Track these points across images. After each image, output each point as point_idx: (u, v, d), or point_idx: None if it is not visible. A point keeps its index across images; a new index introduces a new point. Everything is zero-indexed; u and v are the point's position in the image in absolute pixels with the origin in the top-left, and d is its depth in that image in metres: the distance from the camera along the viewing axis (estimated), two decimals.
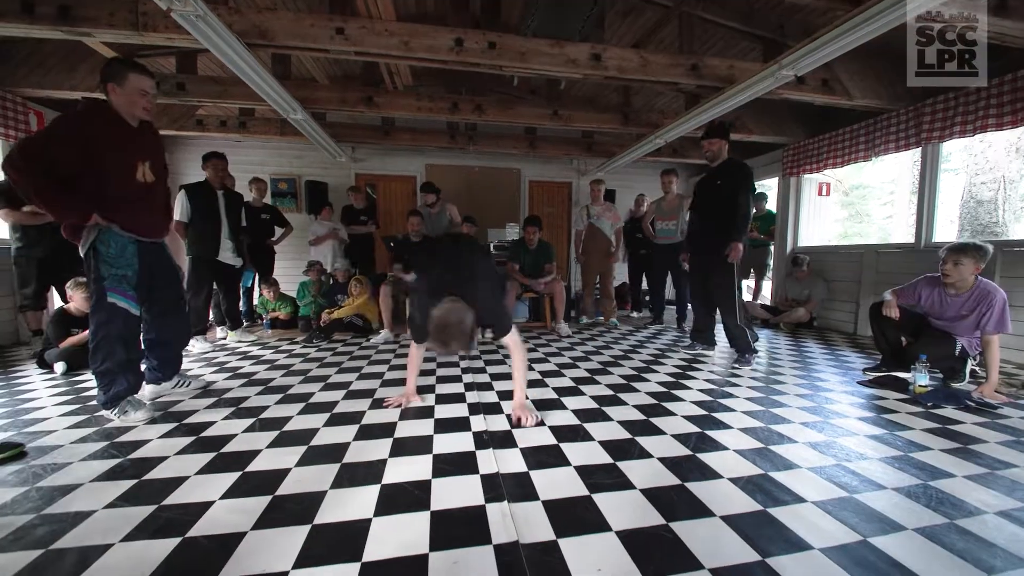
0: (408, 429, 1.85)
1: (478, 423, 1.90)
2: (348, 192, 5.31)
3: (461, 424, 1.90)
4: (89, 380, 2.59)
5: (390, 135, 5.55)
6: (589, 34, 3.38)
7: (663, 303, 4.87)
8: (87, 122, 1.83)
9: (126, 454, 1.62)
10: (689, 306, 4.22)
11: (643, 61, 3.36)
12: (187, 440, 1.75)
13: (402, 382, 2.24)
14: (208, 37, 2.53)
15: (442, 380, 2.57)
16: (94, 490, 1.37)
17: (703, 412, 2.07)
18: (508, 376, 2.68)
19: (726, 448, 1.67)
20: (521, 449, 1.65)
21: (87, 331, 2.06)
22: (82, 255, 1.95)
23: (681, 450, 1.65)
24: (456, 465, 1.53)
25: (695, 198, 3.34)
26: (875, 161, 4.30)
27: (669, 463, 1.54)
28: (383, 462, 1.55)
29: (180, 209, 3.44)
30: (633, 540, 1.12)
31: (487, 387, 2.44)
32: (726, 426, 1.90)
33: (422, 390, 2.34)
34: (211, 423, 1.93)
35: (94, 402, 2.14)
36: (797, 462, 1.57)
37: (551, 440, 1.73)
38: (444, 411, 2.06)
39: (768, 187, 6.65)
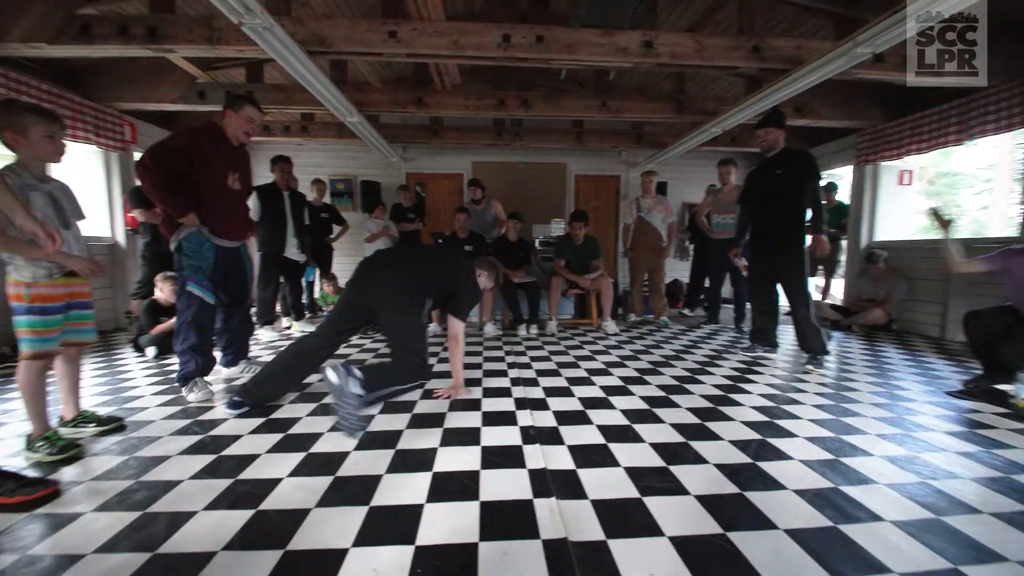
0: (457, 420, 1.89)
1: (524, 418, 1.91)
2: (397, 191, 5.50)
3: (508, 418, 1.91)
4: (175, 363, 2.88)
5: (438, 134, 5.68)
6: (640, 21, 3.26)
7: (719, 302, 4.62)
8: (198, 136, 2.18)
9: (207, 431, 1.79)
10: (747, 305, 4.00)
11: (699, 45, 3.19)
12: (259, 421, 1.90)
13: (450, 374, 2.29)
14: (273, 47, 2.70)
15: (488, 374, 2.61)
16: (181, 462, 1.53)
17: (765, 418, 1.95)
18: (553, 372, 2.67)
19: (791, 458, 1.57)
20: (569, 447, 1.64)
21: (174, 319, 2.30)
22: (172, 250, 2.22)
23: (740, 457, 1.56)
24: (504, 458, 1.55)
25: (747, 191, 3.09)
26: (968, 145, 3.82)
27: (727, 470, 1.47)
28: (434, 451, 1.60)
29: (252, 209, 3.72)
30: (687, 547, 1.08)
31: (533, 383, 2.45)
32: (791, 434, 1.77)
33: (469, 382, 2.39)
34: (279, 406, 2.08)
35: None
36: (873, 477, 1.44)
37: (599, 439, 1.70)
38: (491, 404, 2.09)
39: (839, 176, 6.10)
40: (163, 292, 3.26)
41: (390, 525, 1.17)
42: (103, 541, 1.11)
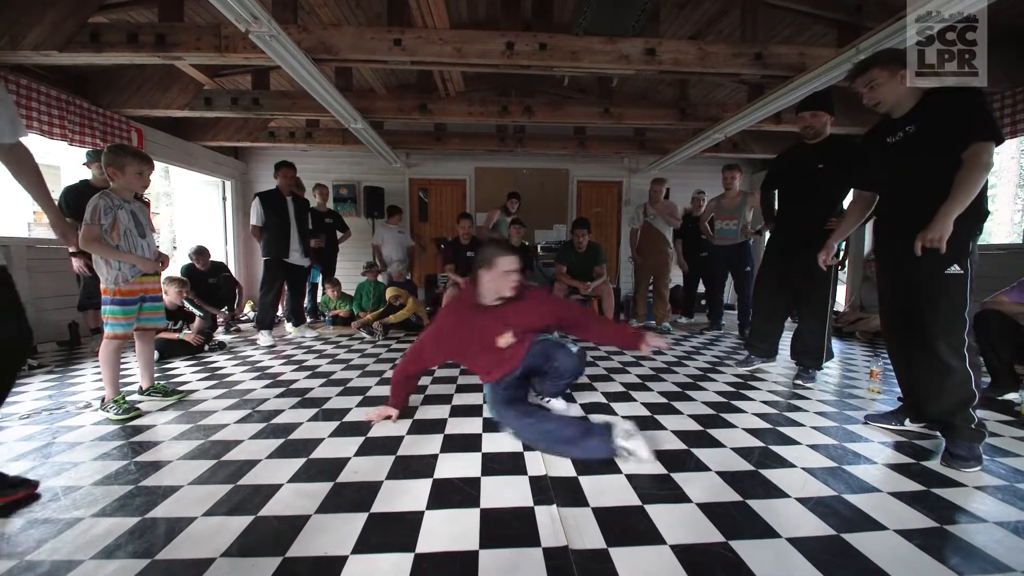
0: (457, 427, 1.89)
1: None
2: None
3: None
4: (177, 368, 2.90)
5: (442, 140, 5.71)
6: (643, 29, 3.28)
7: (721, 308, 4.61)
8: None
9: (207, 436, 1.79)
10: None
11: (701, 53, 3.21)
12: (260, 426, 1.90)
13: (451, 379, 2.28)
14: (280, 55, 2.74)
15: None
16: (181, 467, 1.53)
17: (767, 425, 1.93)
18: None
19: (793, 465, 1.55)
20: None
21: (178, 324, 2.57)
22: None
23: (742, 464, 1.55)
24: (504, 465, 1.54)
25: (775, 176, 2.73)
26: None
27: (729, 478, 1.46)
28: (435, 457, 1.59)
29: (255, 214, 3.76)
30: (690, 556, 1.07)
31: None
32: (793, 441, 1.76)
33: (469, 388, 2.38)
34: (280, 411, 2.08)
35: (182, 387, 2.41)
36: (877, 485, 1.42)
37: None
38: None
39: None
40: (169, 295, 3.28)
41: (390, 532, 1.17)
42: (101, 547, 1.11)
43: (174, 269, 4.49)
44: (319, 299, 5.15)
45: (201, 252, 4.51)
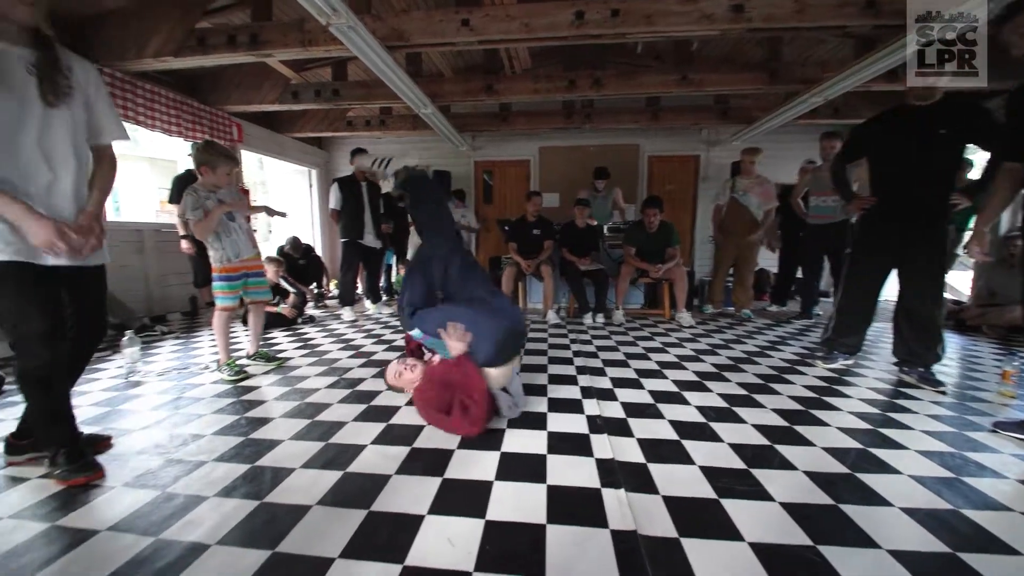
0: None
1: (591, 407, 1.89)
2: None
3: (574, 406, 1.90)
4: (275, 338, 3.26)
5: (507, 121, 5.68)
6: None
7: (815, 295, 4.14)
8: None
9: (303, 399, 2.00)
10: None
11: (799, 5, 2.82)
12: (346, 392, 2.08)
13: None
14: (356, 44, 2.86)
15: (553, 361, 2.61)
16: (282, 424, 1.73)
17: (867, 426, 1.73)
18: (621, 363, 2.60)
19: (898, 472, 1.38)
20: (638, 439, 1.59)
21: (275, 300, 2.89)
22: None
23: (836, 466, 1.41)
24: (571, 444, 1.54)
25: (868, 140, 2.41)
26: None
27: (819, 479, 1.33)
28: (502, 431, 1.64)
29: (334, 198, 4.05)
30: (770, 556, 1.01)
31: (600, 372, 2.40)
32: (899, 445, 1.57)
33: (534, 368, 2.41)
34: (362, 379, 2.27)
35: (280, 355, 2.70)
36: (1004, 502, 1.22)
37: (672, 435, 1.63)
38: (556, 391, 2.09)
39: (970, 149, 5.17)
40: (267, 273, 3.66)
41: (462, 498, 1.23)
42: (221, 487, 1.29)
43: (270, 250, 5.01)
44: (394, 279, 5.48)
45: (295, 243, 5.03)
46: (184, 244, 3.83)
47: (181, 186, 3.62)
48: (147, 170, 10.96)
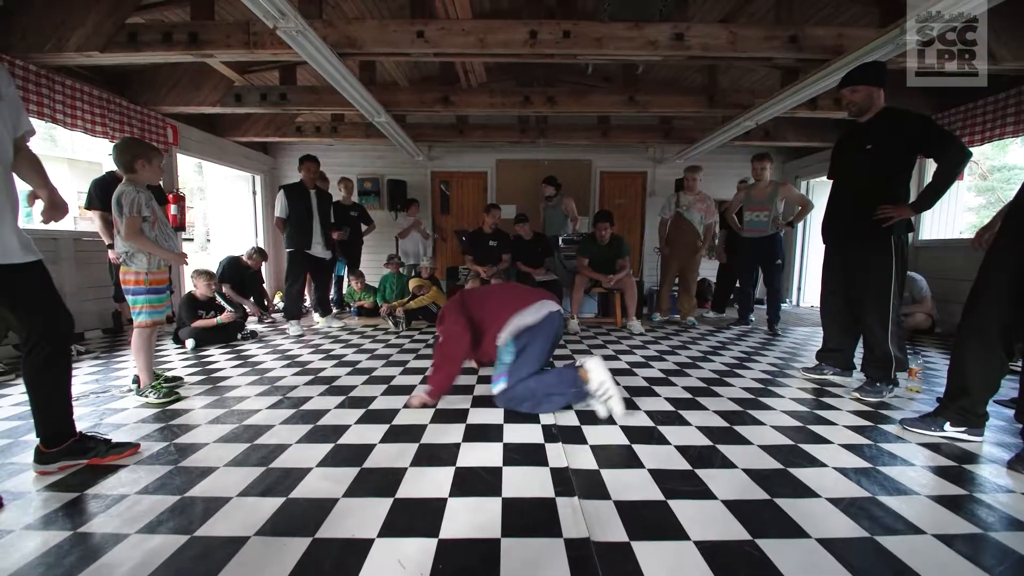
0: (479, 416, 1.91)
1: (546, 416, 1.90)
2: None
3: (530, 416, 1.91)
4: (211, 355, 3.03)
5: (463, 133, 5.71)
6: (670, 13, 3.18)
7: (751, 302, 4.47)
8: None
9: (240, 421, 1.86)
10: (781, 307, 3.86)
11: (732, 36, 3.09)
12: (290, 412, 1.96)
13: (471, 371, 2.30)
14: (306, 50, 2.78)
15: None
16: (217, 450, 1.60)
17: (797, 423, 1.87)
18: None
19: (824, 465, 1.50)
20: (591, 447, 1.62)
21: (210, 314, 2.66)
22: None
23: (771, 463, 1.51)
24: (526, 455, 1.55)
25: (833, 164, 2.43)
26: None
27: (756, 476, 1.42)
28: (457, 446, 1.62)
29: (279, 206, 3.86)
30: (715, 553, 1.06)
31: None
32: (825, 440, 1.70)
33: (486, 379, 2.40)
34: (309, 398, 2.15)
35: (217, 374, 2.50)
36: (914, 488, 1.36)
37: (623, 440, 1.68)
38: None
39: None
40: (199, 288, 3.41)
41: (414, 517, 1.19)
42: (145, 522, 1.17)
43: (211, 263, 4.67)
44: (344, 291, 5.27)
45: (260, 253, 4.62)
46: (112, 253, 3.49)
47: (101, 190, 3.21)
48: (66, 172, 9.94)
